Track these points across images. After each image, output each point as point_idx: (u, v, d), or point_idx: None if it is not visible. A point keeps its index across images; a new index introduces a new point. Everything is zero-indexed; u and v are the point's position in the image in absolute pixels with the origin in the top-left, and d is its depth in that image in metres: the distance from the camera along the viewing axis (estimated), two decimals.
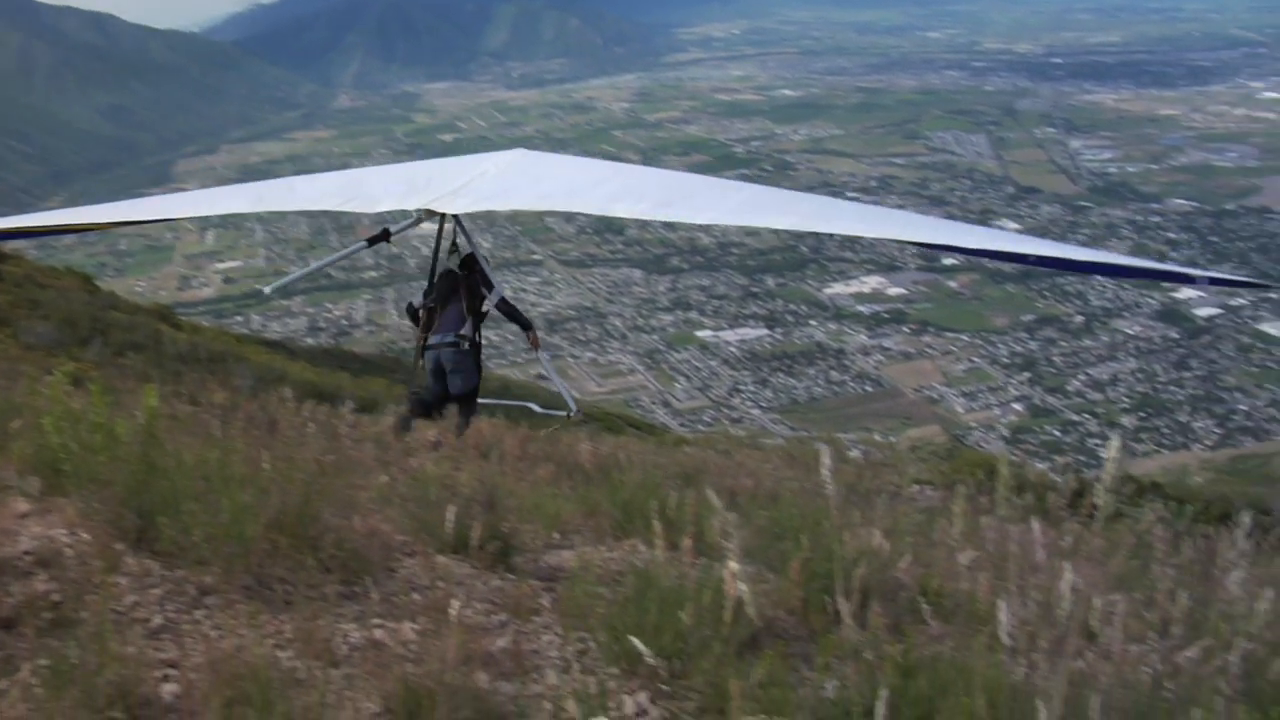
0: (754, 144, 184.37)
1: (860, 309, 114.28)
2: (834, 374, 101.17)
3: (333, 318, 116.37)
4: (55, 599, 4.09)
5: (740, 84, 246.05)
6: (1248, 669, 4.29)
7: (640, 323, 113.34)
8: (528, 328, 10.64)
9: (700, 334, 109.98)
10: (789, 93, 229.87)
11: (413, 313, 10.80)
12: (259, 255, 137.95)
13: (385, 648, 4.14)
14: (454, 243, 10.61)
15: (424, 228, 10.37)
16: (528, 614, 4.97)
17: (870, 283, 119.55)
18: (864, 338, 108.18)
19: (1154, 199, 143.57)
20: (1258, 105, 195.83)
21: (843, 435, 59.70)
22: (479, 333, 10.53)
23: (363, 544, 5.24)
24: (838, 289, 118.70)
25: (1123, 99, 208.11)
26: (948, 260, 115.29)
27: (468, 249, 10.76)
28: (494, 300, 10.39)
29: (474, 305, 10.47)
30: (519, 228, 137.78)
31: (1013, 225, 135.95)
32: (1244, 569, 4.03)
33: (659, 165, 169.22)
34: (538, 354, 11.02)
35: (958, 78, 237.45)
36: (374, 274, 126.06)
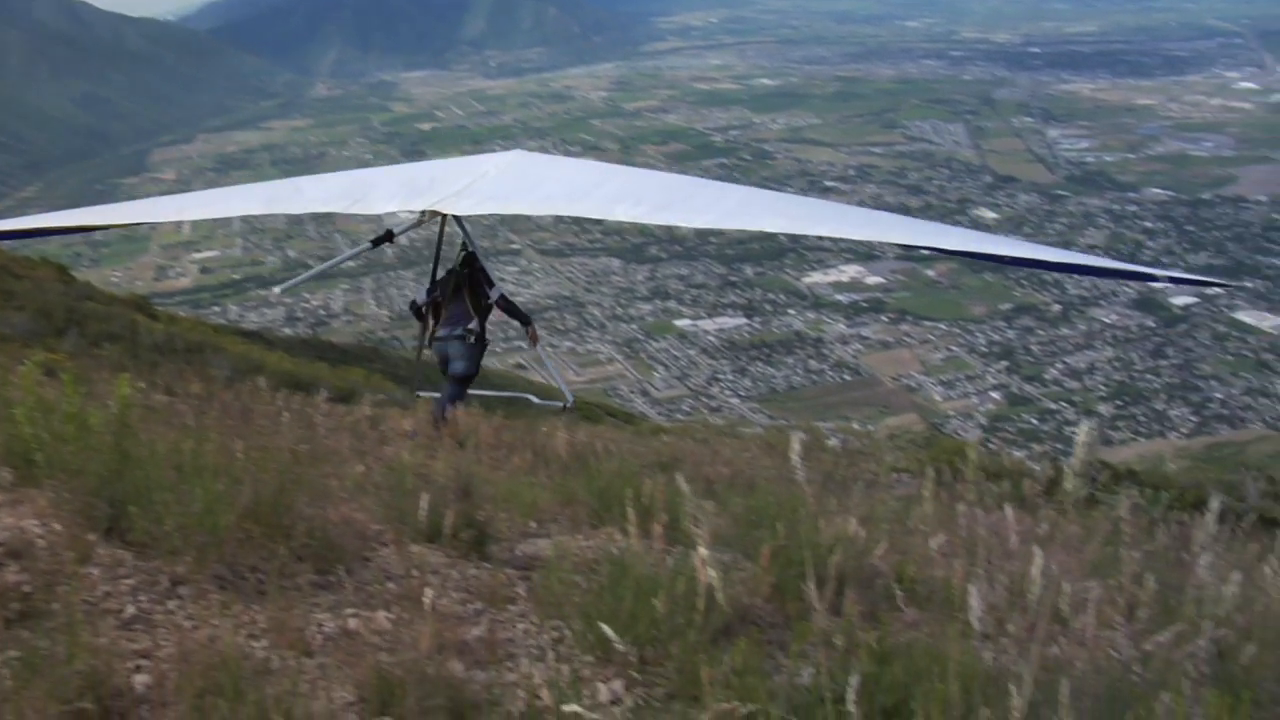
0: (732, 133, 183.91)
1: (839, 298, 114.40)
2: (812, 363, 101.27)
3: (310, 308, 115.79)
4: (26, 590, 4.06)
5: (718, 73, 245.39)
6: (1220, 653, 4.32)
7: (619, 312, 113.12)
8: (526, 323, 10.90)
9: (679, 323, 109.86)
10: (767, 82, 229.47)
11: (416, 309, 11.07)
12: (236, 245, 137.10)
13: (359, 637, 4.13)
14: (463, 243, 10.85)
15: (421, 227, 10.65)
16: (503, 602, 4.96)
17: (849, 272, 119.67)
18: (842, 327, 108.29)
19: (1131, 188, 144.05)
20: (1233, 95, 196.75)
21: (821, 424, 59.68)
22: (484, 327, 10.84)
23: (337, 533, 5.23)
24: (816, 278, 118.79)
25: (1100, 88, 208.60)
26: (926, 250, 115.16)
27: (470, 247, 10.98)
28: (494, 297, 10.68)
29: (477, 301, 10.75)
30: (496, 216, 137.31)
31: (990, 214, 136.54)
32: (1213, 553, 4.05)
33: (637, 154, 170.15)
34: (536, 348, 11.31)
35: (936, 67, 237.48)
36: (351, 264, 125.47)
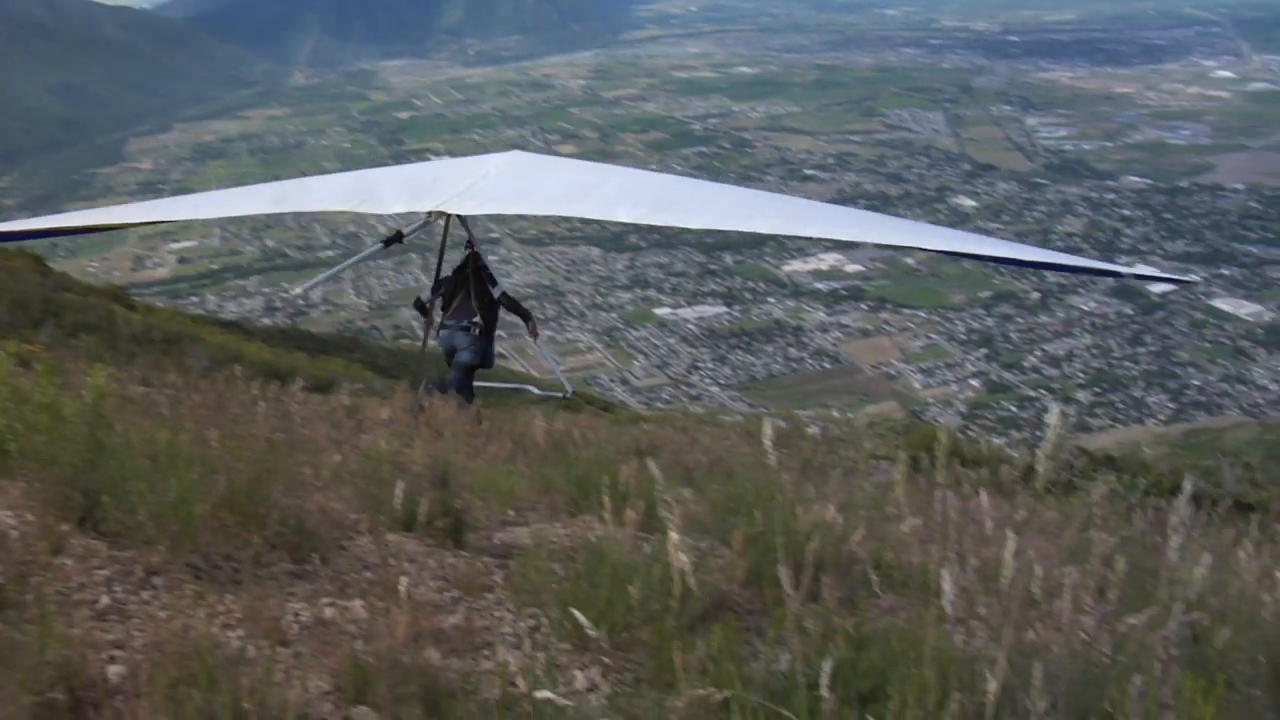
0: (711, 121, 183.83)
1: (818, 286, 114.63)
2: (792, 351, 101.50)
3: (289, 298, 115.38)
4: None
5: (698, 61, 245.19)
6: (1195, 636, 4.34)
7: (598, 300, 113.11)
8: (527, 318, 11.37)
9: (658, 311, 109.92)
10: (746, 70, 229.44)
11: (420, 305, 11.55)
12: (214, 235, 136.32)
13: (335, 626, 4.12)
14: (468, 242, 11.32)
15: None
16: (480, 591, 4.96)
17: (828, 260, 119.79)
18: (822, 315, 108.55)
19: (1109, 176, 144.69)
20: (1211, 84, 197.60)
21: (801, 412, 59.88)
22: (490, 320, 11.30)
23: (313, 522, 5.21)
24: (796, 266, 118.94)
25: (1078, 77, 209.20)
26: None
27: (474, 246, 11.49)
28: (497, 294, 11.19)
29: (482, 298, 11.23)
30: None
31: (969, 202, 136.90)
32: (1184, 535, 4.07)
33: (616, 142, 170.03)
34: (536, 342, 11.70)
35: (915, 55, 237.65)
36: (330, 254, 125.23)
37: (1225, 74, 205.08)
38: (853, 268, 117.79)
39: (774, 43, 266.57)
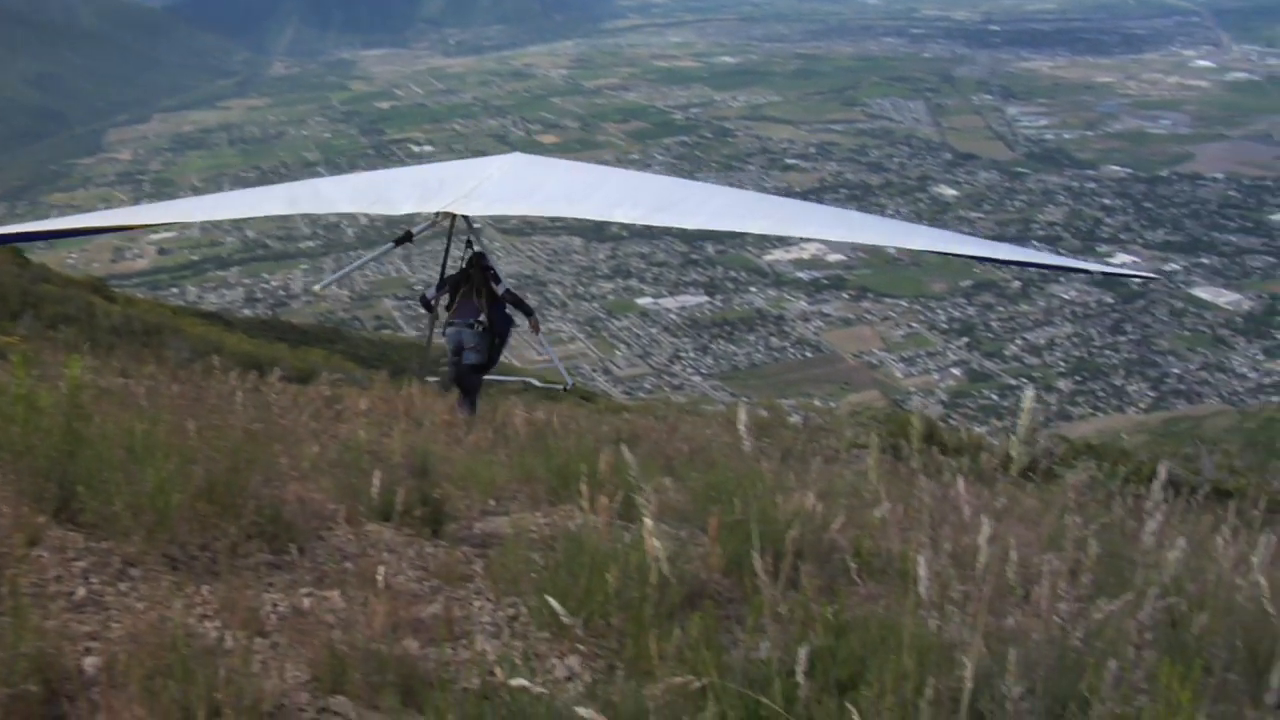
0: (693, 111, 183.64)
1: (800, 275, 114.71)
2: (774, 340, 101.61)
3: (270, 288, 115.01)
4: None
5: (679, 50, 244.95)
6: (1173, 622, 4.36)
7: (580, 290, 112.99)
8: (530, 314, 11.81)
9: (640, 301, 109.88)
10: (728, 59, 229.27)
11: (425, 302, 11.99)
12: (193, 226, 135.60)
13: (313, 616, 4.10)
14: (468, 241, 11.75)
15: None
16: (459, 580, 4.95)
17: (810, 249, 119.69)
18: (804, 304, 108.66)
19: (1089, 165, 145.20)
20: (1190, 73, 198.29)
21: (783, 401, 59.94)
22: (497, 318, 11.67)
23: (292, 512, 5.19)
24: (777, 255, 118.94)
25: (1059, 66, 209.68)
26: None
27: (475, 246, 11.90)
28: (501, 292, 11.57)
29: (485, 296, 11.58)
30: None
31: (950, 191, 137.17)
32: (1159, 519, 4.08)
33: (598, 132, 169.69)
34: (538, 336, 12.25)
35: (896, 44, 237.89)
36: (311, 244, 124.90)
37: (1205, 64, 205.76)
38: (834, 257, 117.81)
39: (755, 32, 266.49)
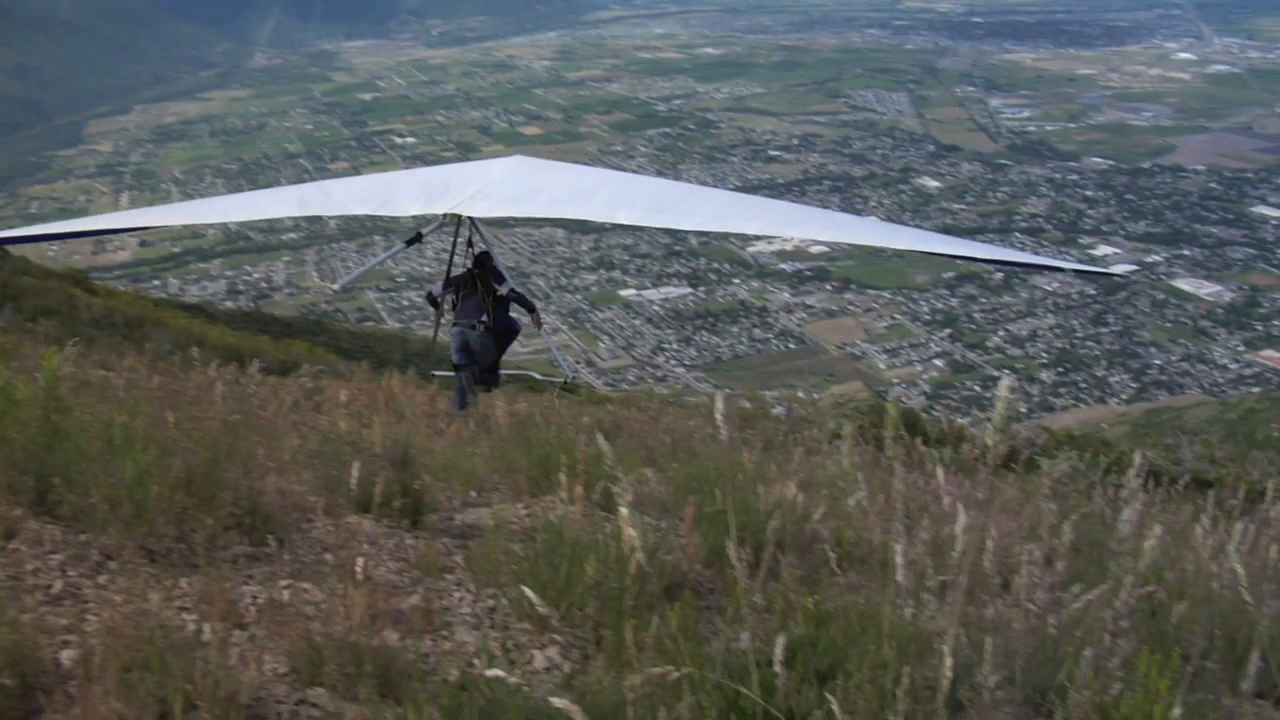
0: (676, 102, 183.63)
1: (783, 267, 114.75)
2: (757, 332, 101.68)
3: (252, 280, 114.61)
4: None
5: (662, 42, 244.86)
6: (1152, 611, 4.38)
7: (564, 282, 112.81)
8: (533, 310, 12.30)
9: (624, 293, 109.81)
10: (711, 51, 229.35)
11: (432, 300, 12.40)
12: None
13: (291, 607, 4.09)
14: (470, 240, 12.26)
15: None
16: (440, 572, 4.94)
17: (793, 240, 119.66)
18: (787, 295, 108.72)
19: (1072, 157, 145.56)
20: (1172, 66, 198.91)
21: (766, 392, 60.16)
22: (501, 316, 12.17)
23: (272, 504, 5.17)
24: (760, 247, 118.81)
25: (1041, 58, 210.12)
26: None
27: (480, 245, 12.44)
28: (505, 290, 12.01)
29: (489, 295, 12.04)
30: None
31: (933, 183, 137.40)
32: (1136, 508, 4.09)
33: (581, 123, 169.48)
34: (540, 332, 12.77)
35: (879, 36, 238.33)
36: (293, 235, 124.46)
37: (1186, 56, 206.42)
38: (817, 249, 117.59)
39: (738, 24, 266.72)
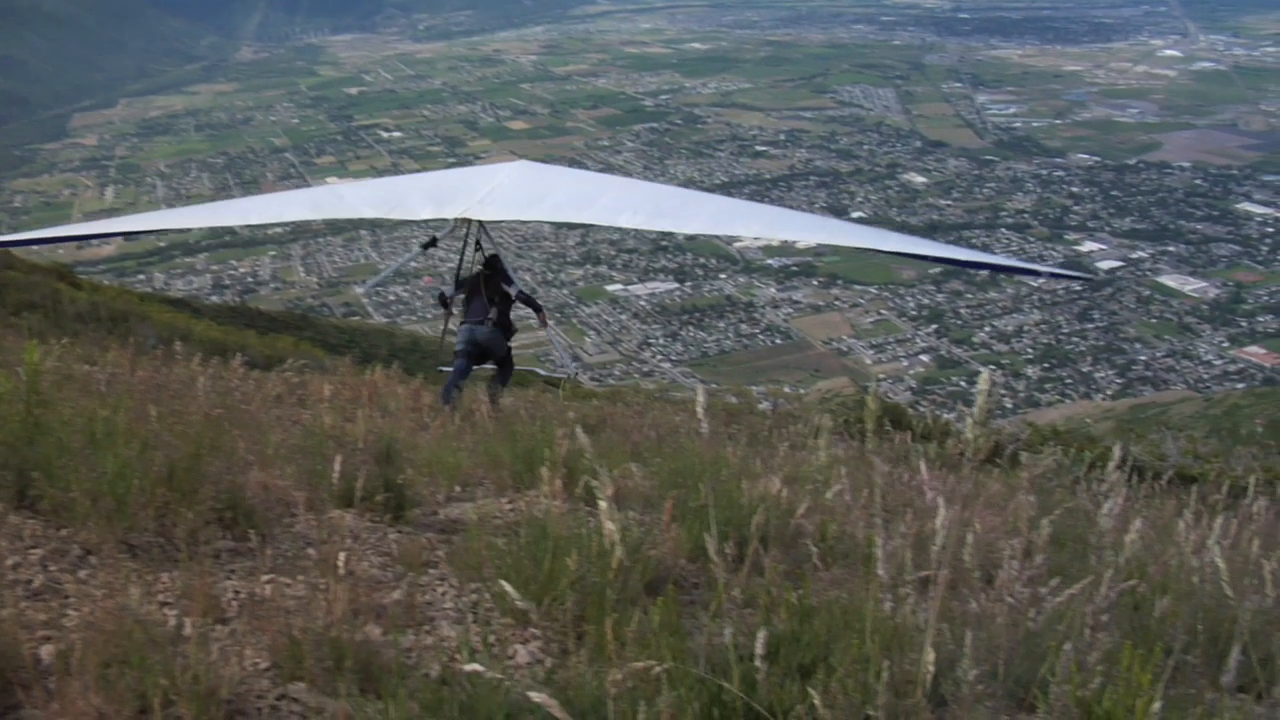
0: (663, 97, 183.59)
1: (769, 262, 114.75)
2: (744, 327, 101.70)
3: (238, 275, 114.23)
4: None
5: (649, 37, 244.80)
6: (1136, 604, 4.39)
7: (550, 277, 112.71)
8: (539, 310, 12.63)
9: (610, 288, 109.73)
10: (698, 46, 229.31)
11: (443, 300, 12.72)
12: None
13: (273, 602, 4.08)
14: (478, 242, 12.36)
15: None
16: (423, 567, 4.93)
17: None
18: (773, 291, 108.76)
19: (1058, 153, 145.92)
20: (1158, 62, 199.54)
21: (753, 387, 60.14)
22: (505, 316, 12.39)
23: (254, 499, 5.16)
24: (747, 242, 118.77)
25: (1028, 54, 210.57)
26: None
27: (489, 248, 12.59)
28: (513, 292, 12.28)
29: (494, 296, 12.27)
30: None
31: (920, 179, 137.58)
32: (1115, 501, 4.10)
33: (567, 118, 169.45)
34: (546, 330, 13.00)
35: (866, 32, 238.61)
36: (279, 230, 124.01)
37: (1172, 53, 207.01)
38: (803, 244, 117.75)
39: (725, 19, 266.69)
